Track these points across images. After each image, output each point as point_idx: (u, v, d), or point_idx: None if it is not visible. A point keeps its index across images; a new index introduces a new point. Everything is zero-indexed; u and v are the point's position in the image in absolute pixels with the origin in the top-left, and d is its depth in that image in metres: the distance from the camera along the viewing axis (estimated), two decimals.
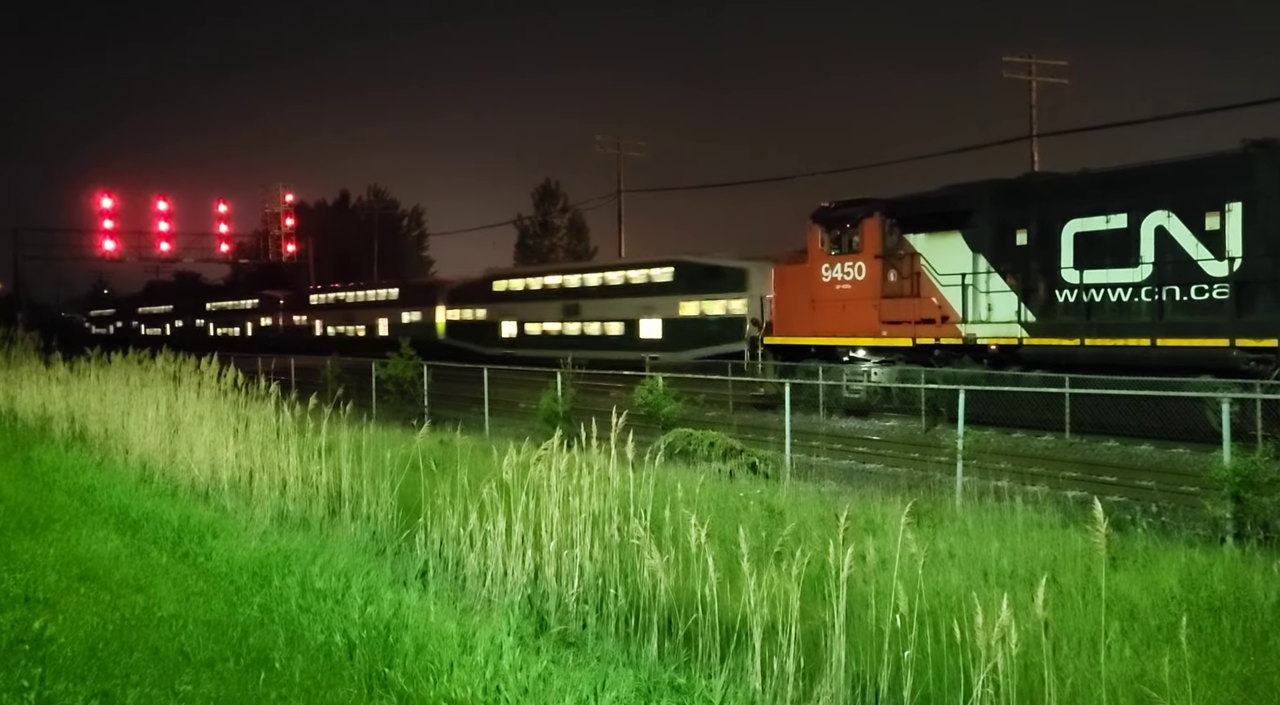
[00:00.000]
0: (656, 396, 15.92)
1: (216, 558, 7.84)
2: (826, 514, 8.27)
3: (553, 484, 6.21)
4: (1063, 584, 6.41)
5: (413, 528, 7.23)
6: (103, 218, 58.60)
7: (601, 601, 5.73)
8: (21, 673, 5.27)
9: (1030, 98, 39.99)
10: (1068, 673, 4.71)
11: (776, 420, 16.07)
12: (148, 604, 6.63)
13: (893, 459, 15.01)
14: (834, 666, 4.42)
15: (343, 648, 5.60)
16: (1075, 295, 17.39)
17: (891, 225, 20.64)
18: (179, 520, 9.07)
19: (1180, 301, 15.98)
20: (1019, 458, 13.47)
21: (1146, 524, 8.67)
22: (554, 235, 76.30)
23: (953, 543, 7.87)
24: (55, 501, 10.52)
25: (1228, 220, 15.41)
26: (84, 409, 15.15)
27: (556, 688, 4.74)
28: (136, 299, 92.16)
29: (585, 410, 11.47)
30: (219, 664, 5.47)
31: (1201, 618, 5.96)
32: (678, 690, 4.69)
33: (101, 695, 5.00)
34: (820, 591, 4.89)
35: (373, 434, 9.42)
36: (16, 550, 8.13)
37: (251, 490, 9.65)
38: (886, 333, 20.39)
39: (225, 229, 63.85)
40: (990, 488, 9.68)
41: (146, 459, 12.11)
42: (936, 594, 5.50)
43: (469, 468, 7.08)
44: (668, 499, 5.91)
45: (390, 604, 6.05)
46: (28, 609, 6.48)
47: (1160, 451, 14.94)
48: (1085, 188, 17.78)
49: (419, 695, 4.90)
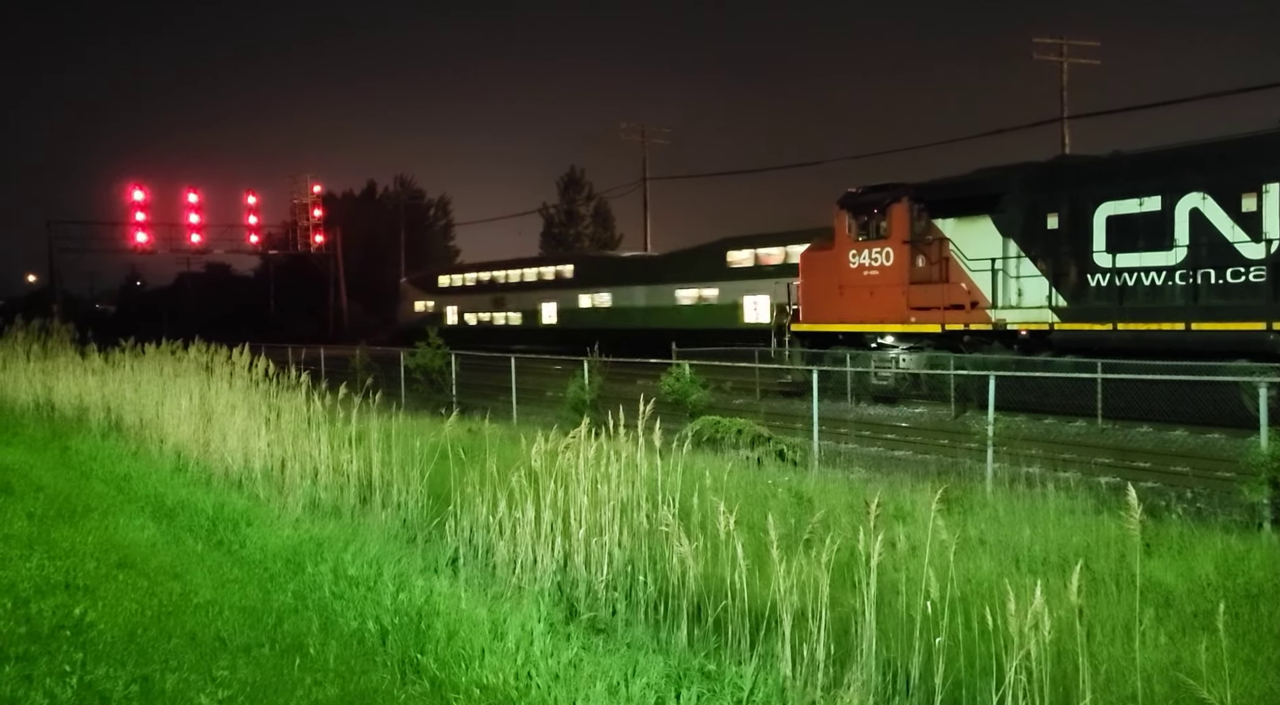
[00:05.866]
0: (684, 384, 15.90)
1: (250, 545, 7.94)
2: (855, 501, 8.24)
3: (581, 472, 6.23)
4: (1096, 571, 6.34)
5: (443, 515, 7.29)
6: (134, 210, 59.39)
7: (631, 588, 5.75)
8: (63, 657, 5.38)
9: (1061, 79, 39.42)
10: (1101, 660, 4.67)
11: (804, 407, 16.01)
12: (184, 591, 6.73)
13: (922, 446, 14.90)
14: (864, 653, 4.41)
15: (375, 634, 5.67)
16: (1108, 279, 17.15)
17: (919, 210, 20.44)
18: (213, 508, 9.19)
19: (1215, 285, 15.71)
20: (1050, 444, 13.33)
21: (1181, 510, 8.56)
22: (579, 224, 76.28)
23: (984, 529, 7.81)
24: (93, 490, 10.71)
25: (1265, 202, 15.11)
26: (119, 399, 15.38)
27: (587, 674, 4.76)
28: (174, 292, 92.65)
29: (612, 398, 11.48)
30: (255, 649, 5.55)
31: (1238, 604, 5.88)
32: (708, 676, 4.69)
33: (141, 679, 5.09)
34: (850, 578, 4.87)
35: (402, 423, 9.52)
36: (56, 538, 8.28)
37: (284, 479, 9.76)
38: (915, 319, 20.23)
39: (255, 220, 64.51)
40: (1021, 474, 9.60)
41: (180, 448, 12.29)
42: (968, 581, 5.46)
43: (497, 456, 7.11)
44: (696, 486, 5.90)
45: (422, 591, 6.10)
46: (68, 595, 6.61)
47: (1195, 437, 14.73)
48: (1118, 170, 17.51)
49: (451, 681, 4.94)
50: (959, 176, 20.58)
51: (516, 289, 51.37)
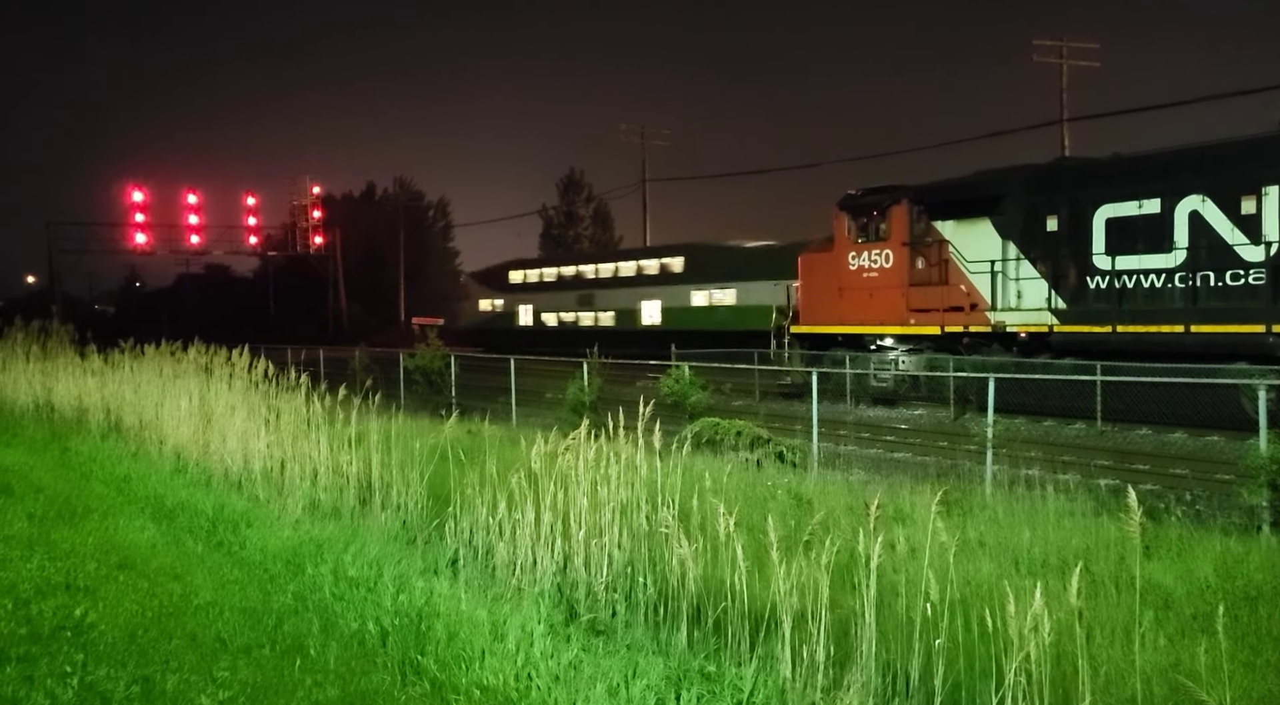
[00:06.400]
0: (683, 386, 15.92)
1: (250, 546, 7.95)
2: (855, 502, 8.25)
3: (580, 473, 6.23)
4: (1095, 573, 6.35)
5: (442, 517, 7.29)
6: (134, 211, 59.36)
7: (630, 590, 5.75)
8: (64, 658, 5.38)
9: (1061, 80, 39.46)
10: (1101, 662, 4.67)
11: (804, 409, 16.02)
12: (185, 592, 6.74)
13: (921, 448, 14.91)
14: (864, 655, 4.41)
15: (376, 635, 5.67)
16: (1107, 282, 17.17)
17: (919, 212, 20.46)
18: (213, 509, 9.20)
19: (1215, 287, 15.73)
20: (1050, 446, 13.34)
21: (1181, 512, 8.57)
22: (579, 225, 76.30)
23: (983, 531, 7.82)
24: (93, 491, 10.71)
25: (1264, 204, 15.13)
26: (119, 400, 15.38)
27: (587, 675, 4.77)
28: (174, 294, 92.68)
29: (612, 400, 11.49)
30: (255, 650, 5.56)
31: (1238, 607, 5.89)
32: (708, 678, 4.70)
33: (142, 680, 5.10)
34: (850, 580, 4.88)
35: (401, 424, 9.52)
36: (57, 539, 8.29)
37: (283, 480, 9.76)
38: (914, 321, 20.24)
39: (254, 221, 64.52)
40: (1021, 476, 9.60)
41: (180, 449, 12.29)
42: (967, 583, 5.47)
43: (497, 457, 7.11)
44: (695, 488, 5.91)
45: (422, 592, 6.11)
46: (69, 596, 6.62)
47: (1194, 439, 14.74)
48: (1117, 172, 17.52)
49: (451, 682, 4.95)
50: (958, 178, 20.60)
51: (608, 285, 44.58)
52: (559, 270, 48.75)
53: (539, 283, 49.33)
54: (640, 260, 44.17)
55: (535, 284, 49.45)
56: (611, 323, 43.34)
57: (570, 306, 46.59)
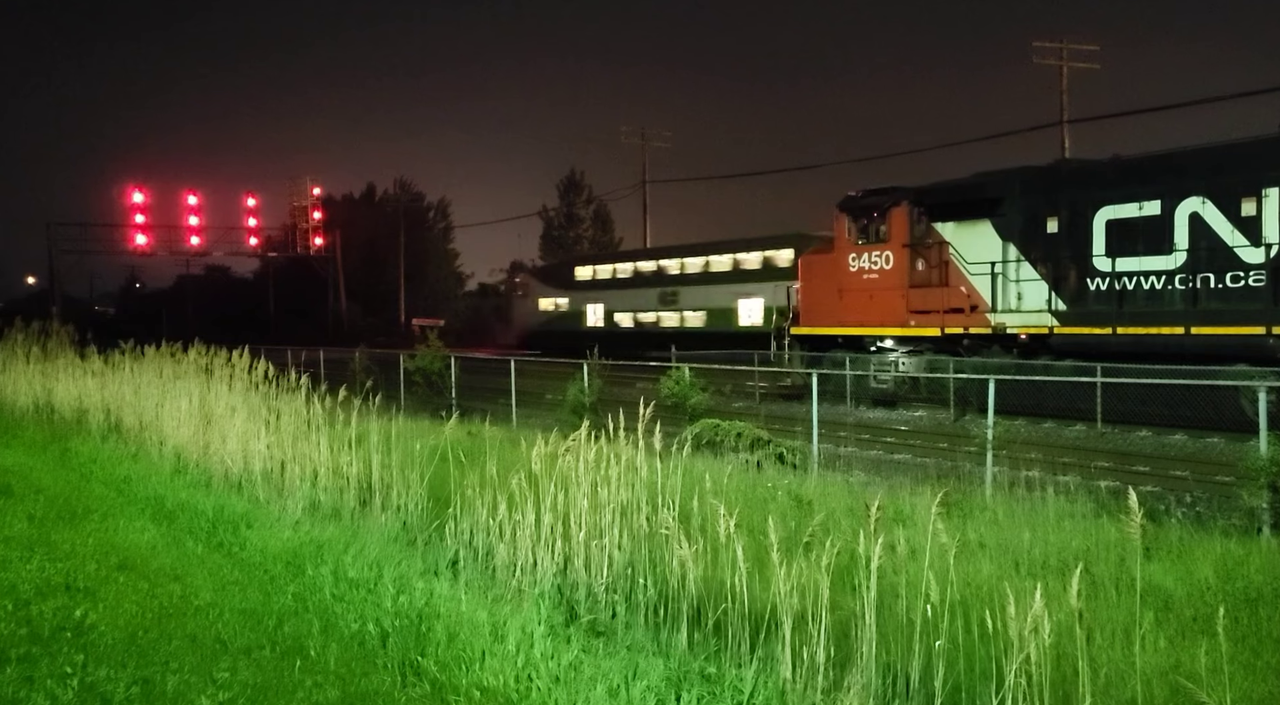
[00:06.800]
0: (683, 387, 15.92)
1: (250, 548, 7.95)
2: (855, 504, 8.25)
3: (581, 475, 6.23)
4: (1096, 574, 6.35)
5: (443, 518, 7.29)
6: (134, 212, 59.31)
7: (631, 591, 5.75)
8: (64, 659, 5.38)
9: (1061, 82, 39.47)
10: (1101, 663, 4.67)
11: (804, 411, 16.01)
12: (185, 593, 6.74)
13: (921, 449, 14.91)
14: (864, 656, 4.41)
15: (376, 636, 5.67)
16: (1107, 283, 17.17)
17: (919, 214, 20.47)
18: (213, 511, 9.20)
19: (1215, 289, 15.74)
20: (1050, 448, 13.33)
21: (1181, 514, 8.58)
22: (579, 227, 76.32)
23: (983, 533, 7.82)
24: (93, 492, 10.71)
25: (1264, 206, 15.14)
26: (119, 401, 15.38)
27: (587, 676, 4.77)
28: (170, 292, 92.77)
29: (612, 401, 11.49)
30: (255, 651, 5.55)
31: (1238, 608, 5.89)
32: (708, 679, 4.70)
33: (142, 681, 5.10)
34: (850, 582, 4.88)
35: (402, 425, 9.52)
36: (57, 540, 8.29)
37: (283, 481, 9.76)
38: (914, 322, 20.25)
39: (254, 222, 64.51)
40: (1021, 478, 9.61)
41: (180, 450, 12.29)
42: (967, 584, 5.47)
43: (497, 459, 7.12)
44: (695, 489, 5.91)
45: (422, 593, 6.11)
46: (69, 597, 6.61)
47: (1194, 441, 14.74)
48: (1117, 174, 17.54)
49: (451, 683, 4.95)
50: (958, 180, 20.61)
51: (696, 282, 39.45)
52: (635, 265, 43.84)
53: (611, 279, 44.50)
54: (738, 253, 38.31)
55: (607, 281, 44.71)
56: (701, 324, 38.44)
57: (650, 305, 41.63)
